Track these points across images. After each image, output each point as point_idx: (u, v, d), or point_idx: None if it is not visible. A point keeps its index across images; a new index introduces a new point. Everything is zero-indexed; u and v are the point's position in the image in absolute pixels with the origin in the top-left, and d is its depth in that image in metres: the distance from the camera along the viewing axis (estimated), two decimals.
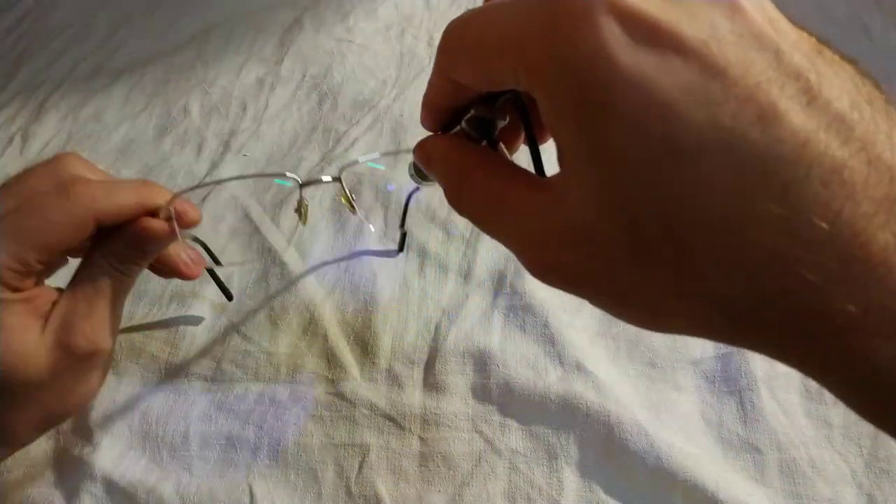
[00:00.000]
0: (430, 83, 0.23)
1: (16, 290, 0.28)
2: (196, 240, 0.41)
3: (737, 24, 0.16)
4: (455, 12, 0.64)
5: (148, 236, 0.31)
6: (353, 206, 0.37)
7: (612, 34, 0.16)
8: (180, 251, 0.34)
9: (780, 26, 0.17)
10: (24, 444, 0.32)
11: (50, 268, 0.32)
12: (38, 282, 0.31)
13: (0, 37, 0.66)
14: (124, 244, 0.30)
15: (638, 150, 0.16)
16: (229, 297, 0.42)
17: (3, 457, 0.31)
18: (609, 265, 0.18)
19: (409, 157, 0.28)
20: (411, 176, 0.31)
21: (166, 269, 0.35)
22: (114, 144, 0.54)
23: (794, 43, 0.17)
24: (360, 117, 0.55)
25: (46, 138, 0.55)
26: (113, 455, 0.36)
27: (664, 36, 0.16)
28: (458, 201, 0.22)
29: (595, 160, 0.17)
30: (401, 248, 0.45)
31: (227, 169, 0.51)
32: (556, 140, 0.18)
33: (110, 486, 0.35)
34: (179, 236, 0.32)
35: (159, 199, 0.31)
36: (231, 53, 0.61)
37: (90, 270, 0.30)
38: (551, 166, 0.20)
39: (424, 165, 0.25)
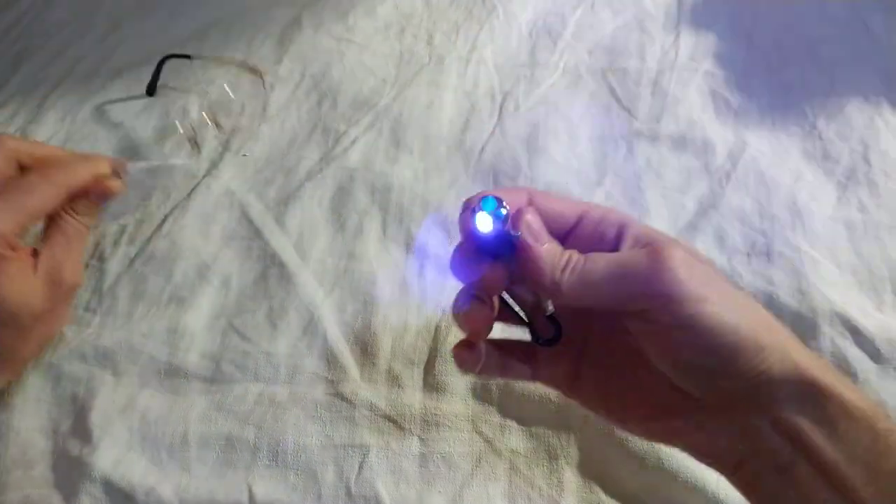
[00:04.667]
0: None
1: (13, 248, 0.35)
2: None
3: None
4: (454, 11, 0.63)
5: (107, 193, 0.40)
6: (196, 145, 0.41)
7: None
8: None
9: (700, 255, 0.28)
10: (24, 367, 0.38)
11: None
12: None
13: None
14: (87, 202, 0.39)
15: None
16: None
17: (11, 378, 0.38)
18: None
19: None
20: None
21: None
22: (112, 144, 0.54)
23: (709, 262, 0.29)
24: (359, 116, 0.54)
25: (45, 137, 0.55)
26: (112, 456, 0.36)
27: None
28: None
29: None
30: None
31: (226, 169, 0.51)
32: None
33: (109, 487, 0.35)
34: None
35: (104, 169, 0.40)
36: (230, 52, 0.61)
37: (61, 226, 0.38)
38: None
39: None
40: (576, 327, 0.29)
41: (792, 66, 0.56)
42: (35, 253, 0.37)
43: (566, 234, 0.28)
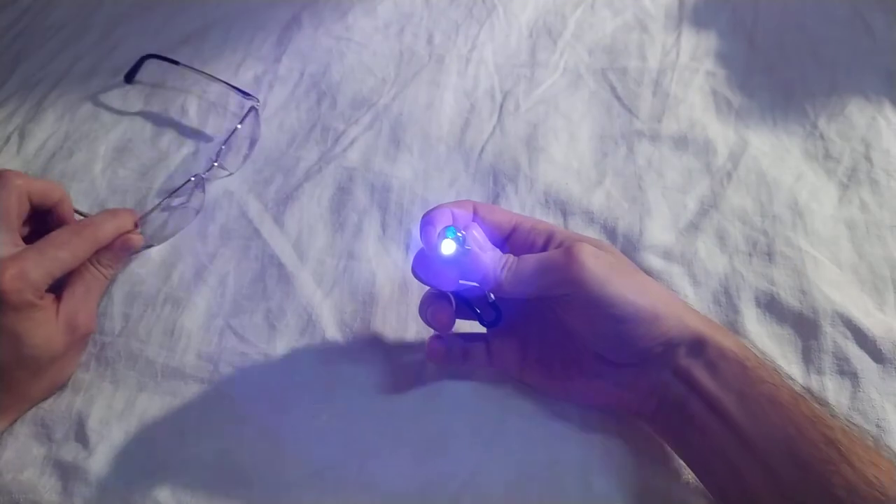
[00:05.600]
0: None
1: (41, 297, 0.37)
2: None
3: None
4: (454, 10, 0.63)
5: (130, 247, 0.43)
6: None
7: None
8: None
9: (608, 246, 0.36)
10: (29, 408, 0.39)
11: None
12: None
13: None
14: (109, 254, 0.42)
15: None
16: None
17: (16, 416, 0.38)
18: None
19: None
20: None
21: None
22: (111, 143, 0.54)
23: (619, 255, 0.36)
24: (358, 116, 0.54)
25: (44, 137, 0.54)
26: (108, 459, 0.36)
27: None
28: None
29: None
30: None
31: (230, 169, 0.51)
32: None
33: (105, 490, 0.35)
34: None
35: (129, 224, 0.43)
36: (229, 51, 0.61)
37: (83, 276, 0.41)
38: None
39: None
40: (517, 320, 0.37)
41: (793, 65, 0.56)
42: (57, 299, 0.39)
43: (504, 240, 0.36)
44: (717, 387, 0.30)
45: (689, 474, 0.34)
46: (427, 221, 0.33)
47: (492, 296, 0.35)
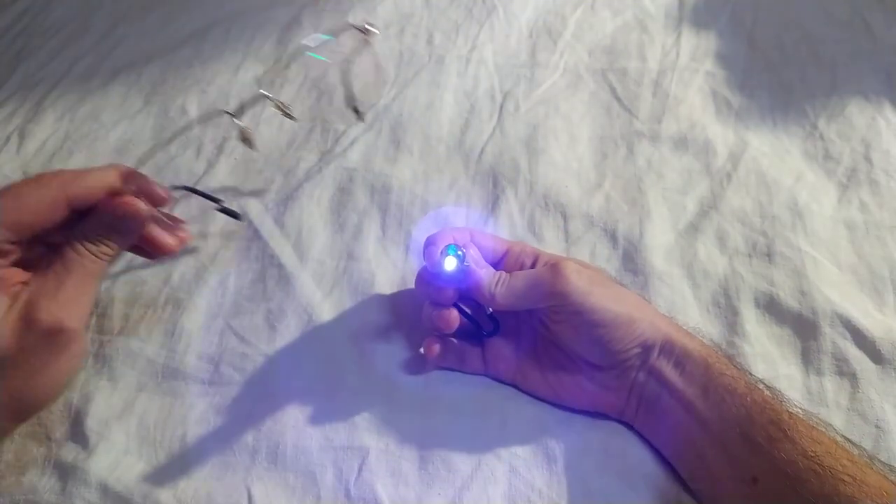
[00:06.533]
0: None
1: None
2: (185, 187, 0.44)
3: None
4: (454, 10, 0.63)
5: (118, 214, 0.32)
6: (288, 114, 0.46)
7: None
8: (155, 227, 0.36)
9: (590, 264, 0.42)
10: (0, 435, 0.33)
11: (28, 252, 0.32)
12: (14, 263, 0.32)
13: None
14: (96, 223, 0.32)
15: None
16: (237, 216, 0.45)
17: None
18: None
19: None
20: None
21: (148, 248, 0.37)
22: (111, 144, 0.54)
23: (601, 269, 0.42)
24: None
25: (43, 137, 0.54)
26: (108, 460, 0.36)
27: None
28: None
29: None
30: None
31: (224, 169, 0.51)
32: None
33: (105, 492, 0.35)
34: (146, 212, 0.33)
35: (115, 180, 0.33)
36: (229, 52, 0.61)
37: (63, 251, 0.31)
38: None
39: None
40: (511, 331, 0.39)
41: (793, 65, 0.56)
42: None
43: (497, 262, 0.39)
44: (684, 383, 0.34)
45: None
46: (430, 242, 0.36)
47: (489, 309, 0.38)
